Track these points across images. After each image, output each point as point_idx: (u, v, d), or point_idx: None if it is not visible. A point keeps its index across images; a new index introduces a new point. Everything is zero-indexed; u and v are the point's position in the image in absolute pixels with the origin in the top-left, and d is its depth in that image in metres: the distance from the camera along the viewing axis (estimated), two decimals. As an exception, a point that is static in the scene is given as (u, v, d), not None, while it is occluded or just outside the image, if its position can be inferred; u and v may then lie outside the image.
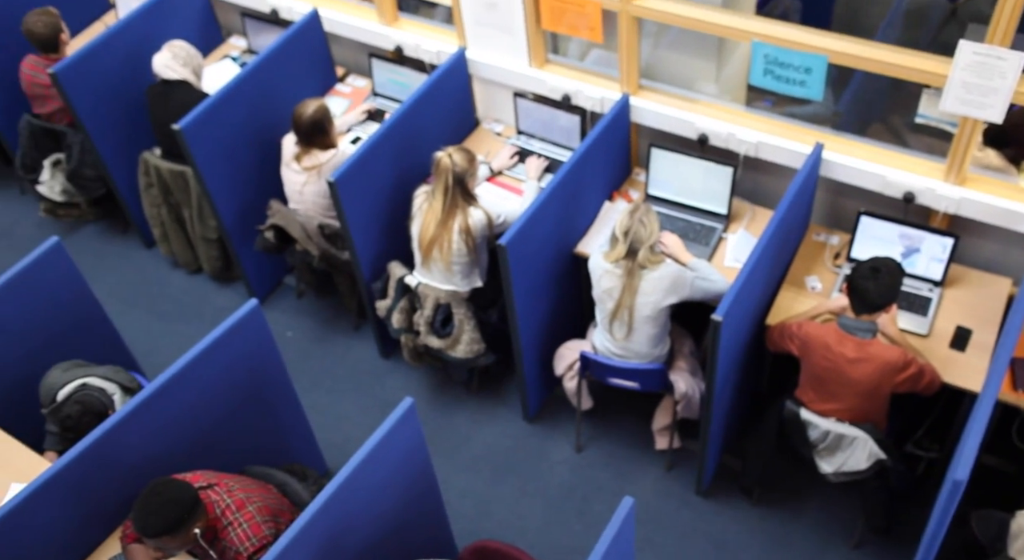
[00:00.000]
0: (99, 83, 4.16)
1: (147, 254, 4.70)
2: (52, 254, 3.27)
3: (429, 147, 3.77)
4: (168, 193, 4.28)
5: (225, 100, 3.82)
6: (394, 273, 3.66)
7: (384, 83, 4.24)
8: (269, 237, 3.92)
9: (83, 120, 4.15)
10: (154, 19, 4.33)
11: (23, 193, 5.00)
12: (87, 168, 4.43)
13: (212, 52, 4.64)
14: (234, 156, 3.95)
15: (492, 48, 3.82)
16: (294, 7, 4.35)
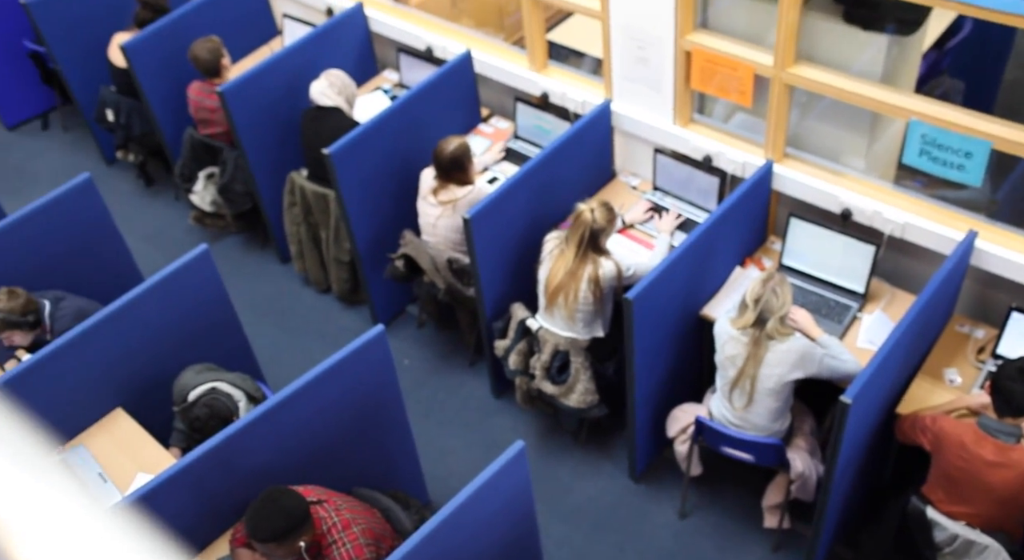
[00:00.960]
0: (259, 104, 4.40)
1: (281, 269, 4.90)
2: (200, 260, 3.46)
3: (565, 194, 3.82)
4: (309, 213, 4.46)
5: (373, 130, 3.98)
6: (516, 314, 3.69)
7: (527, 127, 4.32)
8: (399, 266, 4.02)
9: (241, 138, 4.39)
10: (316, 48, 4.56)
11: (177, 199, 5.31)
12: (237, 183, 4.68)
13: (366, 83, 4.84)
14: (375, 184, 4.10)
15: (638, 103, 3.84)
16: (448, 47, 4.51)
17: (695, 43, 3.47)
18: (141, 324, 3.36)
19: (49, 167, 5.60)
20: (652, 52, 3.62)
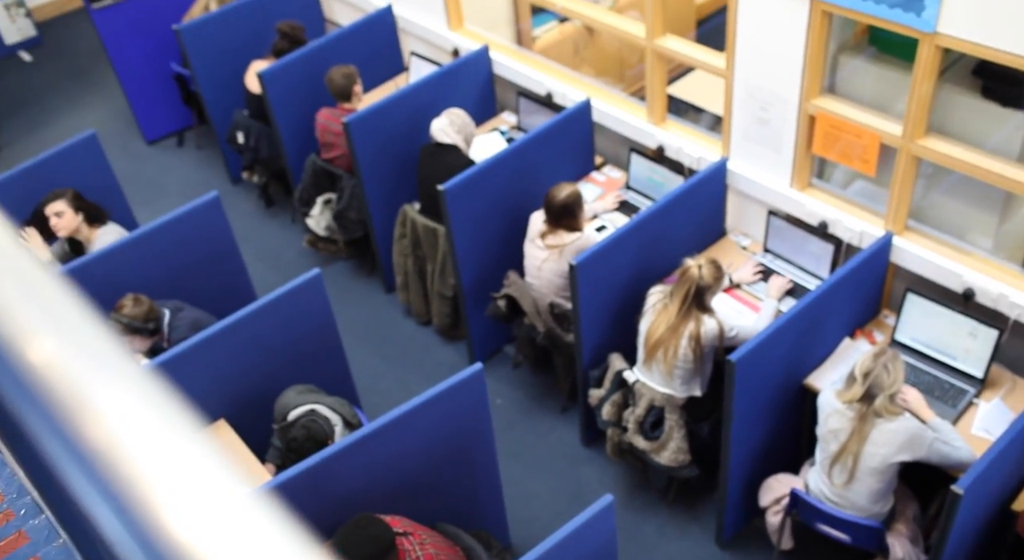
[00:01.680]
0: (381, 137, 4.55)
1: (385, 298, 5.01)
2: (312, 284, 3.58)
3: (673, 248, 3.79)
4: (417, 246, 4.57)
5: (488, 170, 4.06)
6: (614, 365, 3.67)
7: (639, 178, 4.33)
8: (501, 305, 4.06)
9: (360, 167, 4.54)
10: (440, 87, 4.69)
11: (293, 222, 5.51)
12: (352, 211, 4.83)
13: (484, 123, 4.95)
14: (485, 223, 4.16)
15: (755, 163, 3.80)
16: (568, 93, 4.57)
17: (821, 107, 3.42)
18: (251, 340, 3.48)
19: (180, 181, 5.91)
20: (775, 113, 3.58)
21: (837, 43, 3.52)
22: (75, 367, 0.44)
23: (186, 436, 0.44)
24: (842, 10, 3.14)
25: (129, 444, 0.42)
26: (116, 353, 0.46)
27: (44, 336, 0.46)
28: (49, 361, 0.44)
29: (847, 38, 3.73)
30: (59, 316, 0.48)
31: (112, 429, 0.42)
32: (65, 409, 0.43)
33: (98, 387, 0.43)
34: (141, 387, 0.44)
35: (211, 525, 0.40)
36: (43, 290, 0.50)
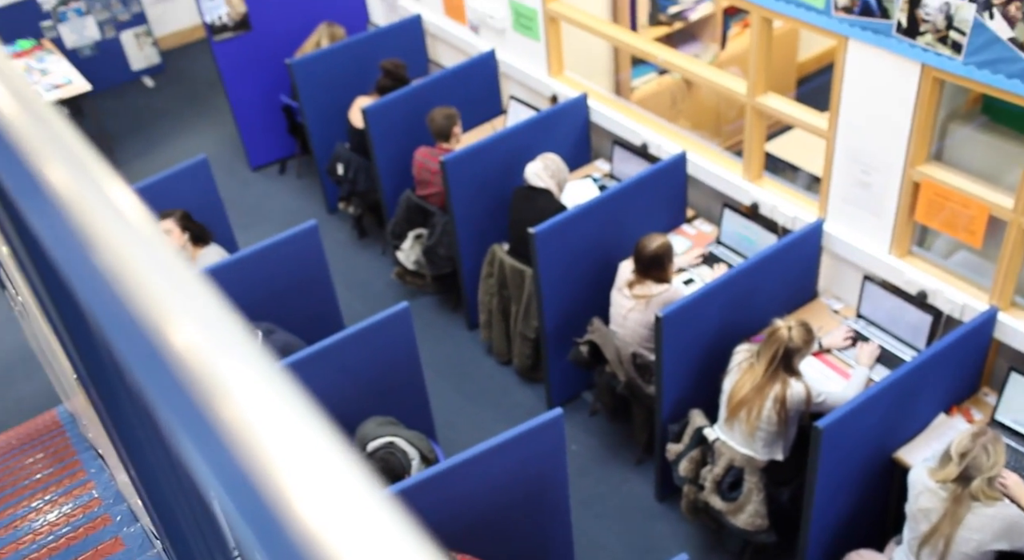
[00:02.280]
0: (476, 177, 4.64)
1: (468, 335, 5.06)
2: (400, 317, 3.64)
3: (762, 307, 3.74)
4: (504, 286, 4.61)
5: (580, 216, 4.08)
6: (694, 421, 3.61)
7: (731, 234, 4.29)
8: (583, 351, 4.06)
9: (453, 205, 4.63)
10: (536, 131, 4.76)
11: (383, 254, 5.63)
12: (442, 247, 4.91)
13: (578, 169, 4.99)
14: (573, 268, 4.18)
15: (853, 227, 3.73)
16: (663, 145, 4.58)
17: (926, 175, 3.35)
18: (337, 368, 3.56)
19: (279, 207, 6.12)
20: (877, 178, 3.52)
21: (947, 110, 3.44)
22: (212, 353, 0.47)
23: (315, 428, 0.45)
24: (956, 78, 3.09)
25: (262, 430, 0.44)
26: (248, 342, 0.48)
27: (185, 322, 0.49)
28: (189, 345, 0.47)
29: (958, 105, 3.66)
30: (197, 304, 0.51)
31: (246, 413, 0.44)
32: (203, 391, 0.46)
33: (233, 373, 0.46)
34: (272, 378, 0.46)
35: (340, 520, 0.40)
36: (183, 280, 0.53)
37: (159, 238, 0.60)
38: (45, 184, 0.68)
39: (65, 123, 0.75)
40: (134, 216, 0.61)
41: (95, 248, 0.60)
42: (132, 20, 7.56)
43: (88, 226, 0.62)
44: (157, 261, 0.56)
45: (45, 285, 1.11)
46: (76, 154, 0.70)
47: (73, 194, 0.66)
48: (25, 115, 0.76)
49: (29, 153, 0.72)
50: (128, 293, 0.55)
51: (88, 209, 0.63)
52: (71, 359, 1.40)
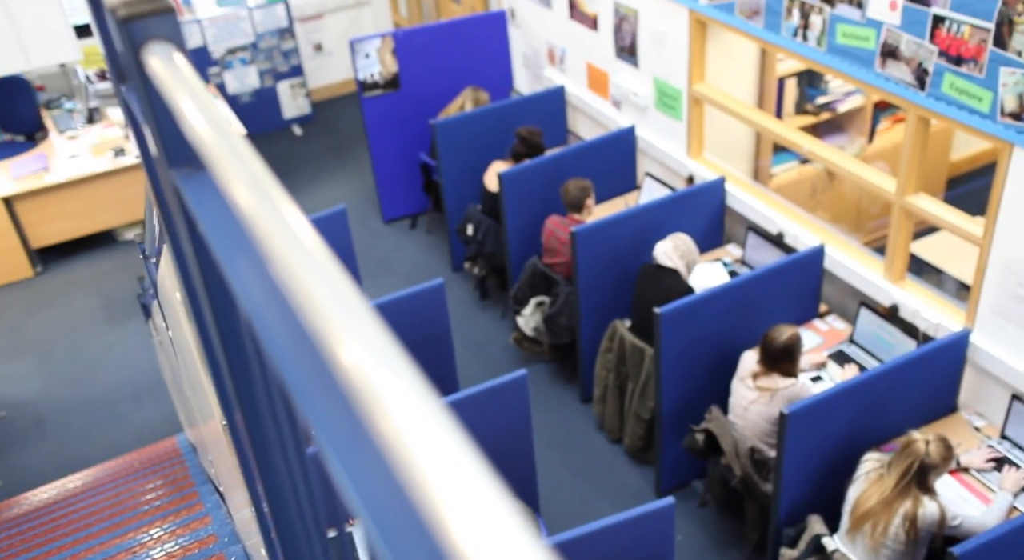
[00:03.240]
0: (604, 251, 4.63)
1: (580, 408, 5.01)
2: (517, 384, 3.64)
3: (896, 415, 3.56)
4: (622, 362, 4.55)
5: (707, 300, 4.01)
6: (812, 527, 3.44)
7: (865, 334, 4.12)
8: (699, 439, 3.94)
9: (579, 277, 4.63)
10: (670, 210, 4.74)
11: (502, 317, 5.67)
12: (563, 317, 4.91)
13: (708, 252, 4.93)
14: (696, 352, 4.09)
15: (1004, 342, 3.52)
16: (800, 236, 4.47)
17: (1092, 295, 3.14)
18: (451, 429, 3.57)
19: (406, 261, 6.28)
20: (1035, 292, 3.32)
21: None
22: (375, 372, 0.50)
23: (466, 452, 0.46)
24: None
25: (417, 447, 0.45)
26: (405, 363, 0.51)
27: (351, 341, 0.52)
28: (354, 363, 0.50)
29: None
30: (361, 325, 0.54)
31: (403, 430, 0.46)
32: (364, 406, 0.48)
33: (393, 392, 0.48)
34: (428, 400, 0.48)
35: (491, 544, 0.41)
36: (349, 300, 0.57)
37: (331, 262, 0.64)
38: (233, 205, 0.74)
39: (252, 151, 0.82)
40: (310, 240, 0.66)
41: (273, 266, 0.65)
42: (289, 71, 8.02)
43: (268, 245, 0.67)
44: (329, 283, 0.61)
45: (215, 312, 1.16)
46: (259, 179, 0.75)
47: (255, 213, 0.71)
48: (222, 144, 0.82)
49: (220, 176, 0.78)
50: (300, 311, 0.59)
51: (268, 229, 0.69)
52: (223, 389, 1.46)
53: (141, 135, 1.32)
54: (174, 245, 1.39)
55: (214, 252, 0.97)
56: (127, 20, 0.99)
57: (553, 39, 6.08)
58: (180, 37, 1.02)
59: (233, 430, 1.57)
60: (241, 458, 1.56)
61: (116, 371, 5.66)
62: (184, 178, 1.05)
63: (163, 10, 1.00)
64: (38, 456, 5.08)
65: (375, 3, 8.49)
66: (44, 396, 5.51)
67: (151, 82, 1.00)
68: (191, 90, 0.92)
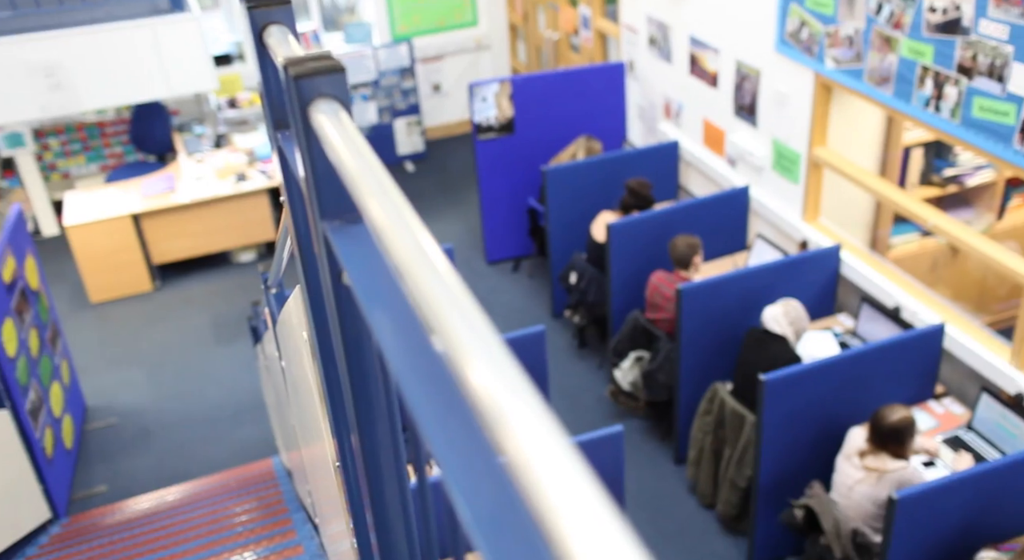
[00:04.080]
0: (710, 310, 4.54)
1: (673, 468, 4.89)
2: (612, 440, 3.58)
3: (1017, 513, 3.34)
4: (720, 426, 4.43)
5: (816, 371, 3.87)
6: (916, 624, 3.24)
7: (985, 421, 3.90)
8: (798, 515, 3.79)
9: (682, 335, 4.55)
10: (781, 274, 4.62)
11: (599, 368, 5.62)
12: (662, 374, 4.82)
13: (818, 320, 4.78)
14: (799, 424, 3.95)
15: None
16: (919, 312, 4.29)
17: None
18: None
19: (506, 304, 6.31)
20: None
21: None
22: (500, 393, 0.53)
23: (595, 487, 0.48)
24: None
25: (541, 468, 0.48)
26: (527, 386, 0.54)
27: (478, 363, 0.55)
28: (482, 384, 0.54)
29: None
30: (487, 348, 0.58)
31: (527, 449, 0.48)
32: (491, 424, 0.51)
33: (516, 412, 0.52)
34: (547, 420, 0.51)
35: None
36: (478, 325, 0.61)
37: (460, 286, 0.69)
38: (392, 262, 0.77)
39: (388, 176, 0.88)
40: (442, 265, 0.72)
41: (423, 316, 0.69)
42: (407, 109, 8.25)
43: (420, 300, 0.71)
44: (457, 307, 0.65)
45: (347, 352, 1.18)
46: (420, 242, 0.78)
47: (413, 272, 0.75)
48: (386, 208, 0.84)
49: (382, 237, 0.81)
50: (432, 332, 0.63)
51: (423, 285, 0.72)
52: (342, 424, 1.48)
53: (291, 181, 1.36)
54: (310, 287, 1.43)
55: (358, 300, 0.99)
56: (299, 77, 1.03)
57: (671, 93, 6.08)
58: (347, 95, 1.05)
59: (345, 463, 1.58)
60: (351, 490, 1.58)
61: (220, 389, 5.84)
62: (335, 230, 1.08)
63: (334, 69, 1.03)
64: (141, 465, 5.27)
65: (495, 48, 8.68)
66: (152, 406, 5.73)
67: (315, 137, 1.03)
68: (356, 150, 0.94)
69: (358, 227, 1.07)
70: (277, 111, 1.34)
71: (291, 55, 1.10)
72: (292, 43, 1.21)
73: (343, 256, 1.05)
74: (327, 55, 1.05)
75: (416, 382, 0.79)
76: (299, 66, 1.04)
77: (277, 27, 1.29)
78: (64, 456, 5.11)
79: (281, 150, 1.35)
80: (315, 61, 1.05)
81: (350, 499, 1.63)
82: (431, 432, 0.69)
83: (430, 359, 0.82)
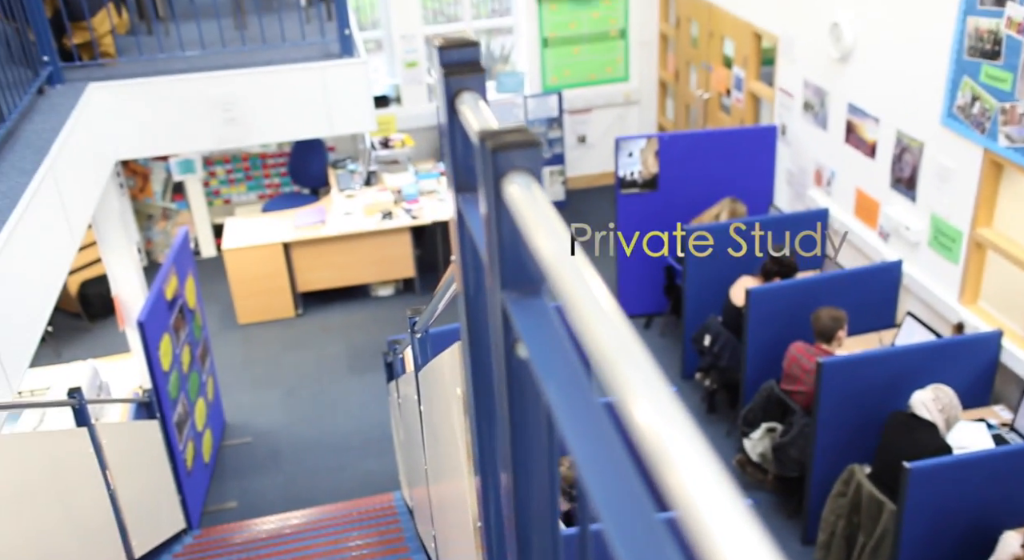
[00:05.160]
0: (852, 388, 4.35)
1: (800, 549, 4.68)
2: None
3: None
4: (855, 511, 4.21)
5: (967, 463, 3.64)
6: None
7: None
8: (937, 619, 3.54)
9: (820, 411, 4.37)
10: (932, 357, 4.38)
11: (727, 435, 5.46)
12: (794, 449, 4.64)
13: (971, 410, 4.49)
14: (945, 519, 3.71)
15: None
16: (1088, 411, 3.97)
17: None
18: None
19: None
20: None
21: None
22: (663, 430, 0.56)
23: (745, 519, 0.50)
24: None
25: (703, 507, 0.49)
26: (689, 425, 0.57)
27: (643, 401, 0.58)
28: (647, 421, 0.57)
29: None
30: (650, 387, 0.61)
31: (691, 488, 0.51)
32: (656, 460, 0.54)
33: (679, 450, 0.55)
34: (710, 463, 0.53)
35: None
36: (640, 361, 0.64)
37: (623, 326, 0.71)
38: (584, 339, 0.79)
39: (583, 256, 0.90)
40: (609, 306, 0.75)
41: (603, 377, 0.70)
42: (552, 159, 8.37)
43: (598, 357, 0.72)
44: (621, 346, 0.67)
45: (512, 416, 1.19)
46: (610, 317, 0.79)
47: (582, 314, 0.77)
48: (577, 285, 0.85)
49: (575, 315, 0.83)
50: (601, 369, 0.67)
51: (598, 341, 0.74)
52: (488, 473, 1.49)
53: (468, 244, 1.40)
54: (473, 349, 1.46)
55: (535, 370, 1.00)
56: (496, 150, 1.06)
57: (823, 160, 5.92)
58: (540, 169, 1.07)
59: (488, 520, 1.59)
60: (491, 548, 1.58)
61: (349, 418, 6.01)
62: (515, 301, 1.10)
63: (531, 143, 1.06)
64: (270, 484, 5.47)
65: (643, 103, 8.72)
66: (285, 429, 5.96)
67: (506, 208, 1.06)
68: (548, 225, 0.96)
69: (538, 301, 1.09)
70: (461, 175, 1.39)
71: (488, 127, 1.13)
72: (485, 112, 1.26)
73: (521, 327, 1.07)
74: (523, 129, 1.08)
75: (587, 447, 0.81)
76: (496, 139, 1.07)
77: (470, 94, 1.34)
78: (202, 469, 5.36)
79: (461, 213, 1.39)
80: (512, 134, 1.08)
81: (494, 549, 1.63)
82: (597, 492, 0.72)
83: (606, 431, 0.84)
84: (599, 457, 0.79)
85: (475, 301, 1.41)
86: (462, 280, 1.44)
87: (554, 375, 0.96)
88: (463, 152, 1.38)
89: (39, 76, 4.57)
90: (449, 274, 1.82)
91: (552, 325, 1.06)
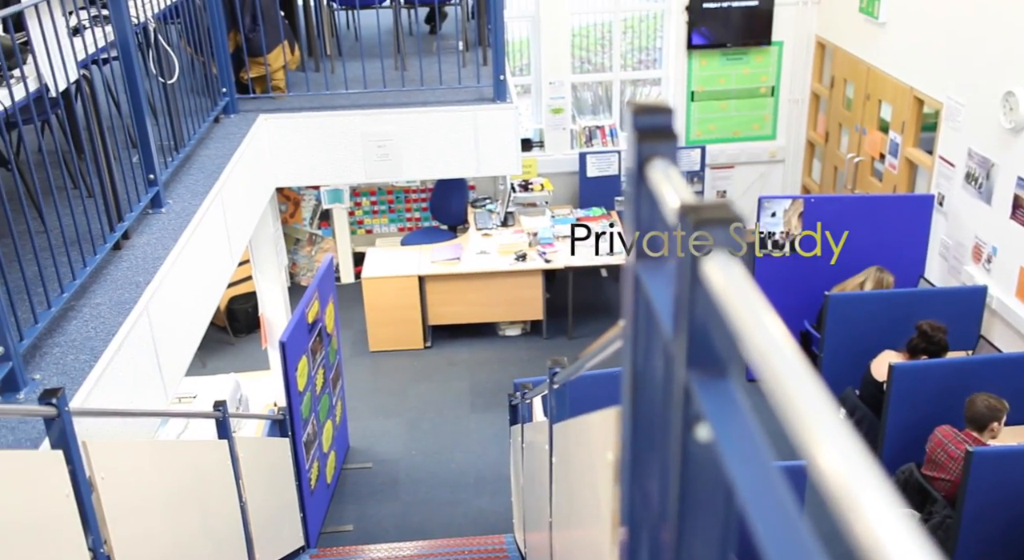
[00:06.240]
0: (1004, 483, 4.06)
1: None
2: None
3: None
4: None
5: None
6: None
7: None
8: None
9: (966, 503, 4.10)
10: None
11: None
12: (935, 541, 4.35)
13: None
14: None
15: None
16: None
17: None
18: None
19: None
20: None
21: None
22: (850, 476, 0.54)
23: None
24: None
25: None
26: (872, 469, 0.54)
27: (827, 447, 0.57)
28: (834, 468, 0.55)
29: None
30: (831, 431, 0.59)
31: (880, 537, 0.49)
32: (846, 508, 0.52)
33: (866, 497, 0.52)
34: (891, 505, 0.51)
35: None
36: (820, 406, 0.62)
37: (807, 375, 0.68)
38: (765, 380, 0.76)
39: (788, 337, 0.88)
40: (792, 353, 0.72)
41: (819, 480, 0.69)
42: (688, 213, 8.26)
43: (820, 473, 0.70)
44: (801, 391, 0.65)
45: (683, 491, 1.16)
46: (820, 409, 0.76)
47: (792, 405, 0.75)
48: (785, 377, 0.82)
49: (751, 350, 0.81)
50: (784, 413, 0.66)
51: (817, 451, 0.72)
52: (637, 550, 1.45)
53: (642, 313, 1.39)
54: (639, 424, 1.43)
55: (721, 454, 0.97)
56: (699, 225, 1.05)
57: (984, 235, 5.61)
58: (741, 248, 1.06)
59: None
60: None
61: (468, 455, 6.05)
62: (702, 382, 1.08)
63: (733, 221, 1.04)
64: (386, 512, 5.56)
65: (788, 163, 8.53)
66: (404, 459, 6.05)
67: (703, 288, 1.05)
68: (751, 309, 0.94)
69: (725, 383, 1.07)
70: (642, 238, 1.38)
71: (688, 201, 1.13)
72: (678, 182, 1.25)
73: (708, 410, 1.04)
74: (727, 205, 1.07)
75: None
76: (697, 214, 1.06)
77: (662, 161, 1.33)
78: (324, 490, 5.50)
79: (638, 280, 1.39)
80: (714, 210, 1.06)
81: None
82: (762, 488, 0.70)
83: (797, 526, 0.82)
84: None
85: (645, 373, 1.40)
86: (631, 351, 1.43)
87: (743, 463, 0.93)
88: (647, 218, 1.38)
89: (217, 106, 4.89)
90: (608, 336, 1.81)
91: (742, 411, 1.03)
